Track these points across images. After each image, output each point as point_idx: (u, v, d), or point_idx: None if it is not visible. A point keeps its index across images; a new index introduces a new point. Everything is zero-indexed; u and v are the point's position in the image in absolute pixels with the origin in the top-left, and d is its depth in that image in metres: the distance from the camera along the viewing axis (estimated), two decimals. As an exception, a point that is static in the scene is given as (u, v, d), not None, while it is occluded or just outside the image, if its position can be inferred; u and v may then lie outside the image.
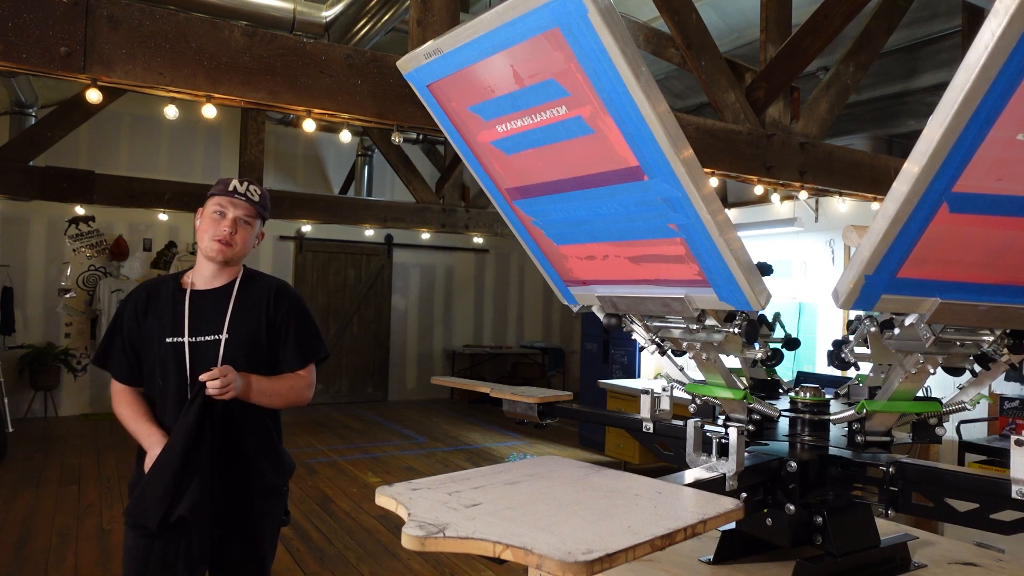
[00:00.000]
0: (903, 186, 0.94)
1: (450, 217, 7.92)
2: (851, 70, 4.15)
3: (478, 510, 0.86)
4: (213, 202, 2.08)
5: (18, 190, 6.01)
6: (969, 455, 4.32)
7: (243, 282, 2.13)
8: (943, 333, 1.14)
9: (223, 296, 2.09)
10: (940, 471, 1.15)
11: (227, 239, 2.04)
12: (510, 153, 1.21)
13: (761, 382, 1.67)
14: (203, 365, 1.98)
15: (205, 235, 2.05)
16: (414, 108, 2.75)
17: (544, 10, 0.93)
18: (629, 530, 0.77)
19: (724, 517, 0.85)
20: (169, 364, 2.00)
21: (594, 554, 0.69)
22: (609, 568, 0.70)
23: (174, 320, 2.03)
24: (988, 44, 0.80)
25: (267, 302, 2.11)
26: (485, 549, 0.74)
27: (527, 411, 1.74)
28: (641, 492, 0.94)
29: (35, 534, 4.49)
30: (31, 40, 2.18)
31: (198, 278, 2.10)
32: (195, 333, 2.03)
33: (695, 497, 0.92)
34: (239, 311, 2.07)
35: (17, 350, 8.04)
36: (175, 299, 2.06)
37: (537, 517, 0.83)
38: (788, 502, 1.28)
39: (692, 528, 0.80)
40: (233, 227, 2.05)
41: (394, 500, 0.90)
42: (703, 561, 1.35)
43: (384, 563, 4.17)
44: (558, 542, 0.72)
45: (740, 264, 1.05)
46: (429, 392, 10.61)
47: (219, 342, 2.02)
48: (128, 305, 2.09)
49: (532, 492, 0.95)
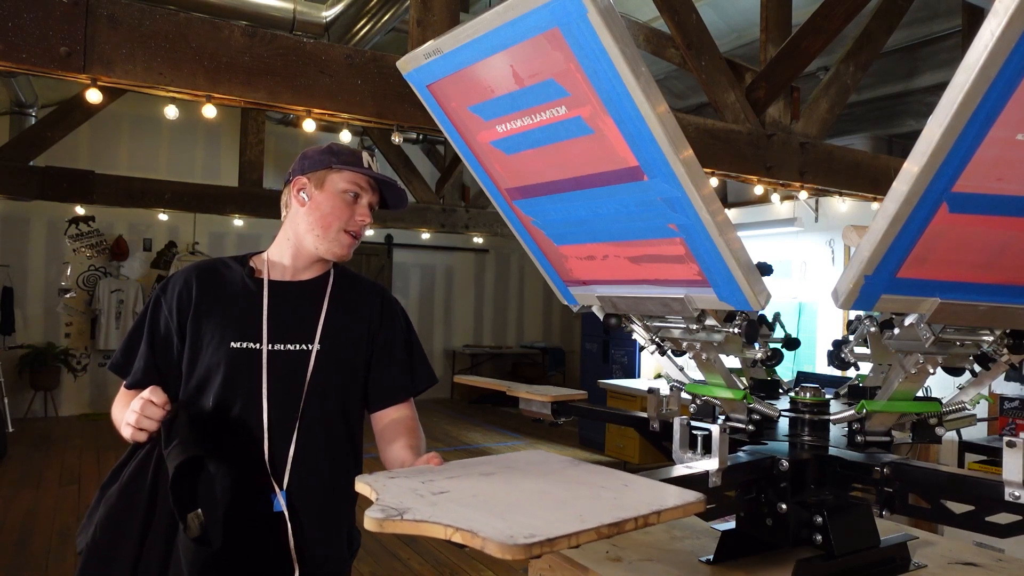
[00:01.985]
0: (903, 186, 0.94)
1: (450, 217, 7.92)
2: (851, 70, 4.15)
3: (443, 497, 0.89)
4: (344, 178, 1.52)
5: (18, 190, 6.01)
6: (969, 455, 4.31)
7: (338, 280, 1.62)
8: (943, 333, 1.14)
9: (314, 295, 1.57)
10: (934, 472, 1.14)
11: (359, 232, 1.56)
12: (510, 153, 1.21)
13: (761, 382, 1.67)
14: (285, 383, 1.48)
15: (334, 224, 1.52)
16: (414, 108, 2.75)
17: (544, 10, 0.93)
18: (579, 518, 0.79)
19: (682, 510, 0.86)
20: (234, 378, 1.46)
21: (535, 538, 0.72)
22: (549, 552, 0.73)
23: (245, 318, 1.50)
24: (988, 44, 0.80)
25: (373, 311, 1.63)
26: (437, 532, 0.77)
27: (541, 409, 1.74)
28: (608, 485, 0.96)
29: (35, 534, 4.49)
30: (31, 40, 2.18)
31: (277, 267, 1.58)
32: (277, 339, 1.50)
33: (657, 490, 0.93)
34: (335, 317, 1.57)
35: (17, 350, 8.04)
36: (246, 290, 1.54)
37: (496, 505, 0.86)
38: (780, 501, 1.28)
39: (644, 519, 0.81)
40: (369, 217, 1.56)
41: (369, 487, 0.94)
42: (703, 561, 1.35)
43: (384, 563, 4.17)
44: (506, 527, 0.75)
45: (740, 264, 1.05)
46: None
47: (308, 354, 1.51)
48: (170, 293, 1.53)
49: (502, 483, 0.97)
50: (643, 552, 1.41)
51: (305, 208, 1.53)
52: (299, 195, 1.54)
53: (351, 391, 1.58)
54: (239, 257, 1.61)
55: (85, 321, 8.47)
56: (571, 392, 1.74)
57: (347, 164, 1.52)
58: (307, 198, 1.53)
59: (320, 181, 1.53)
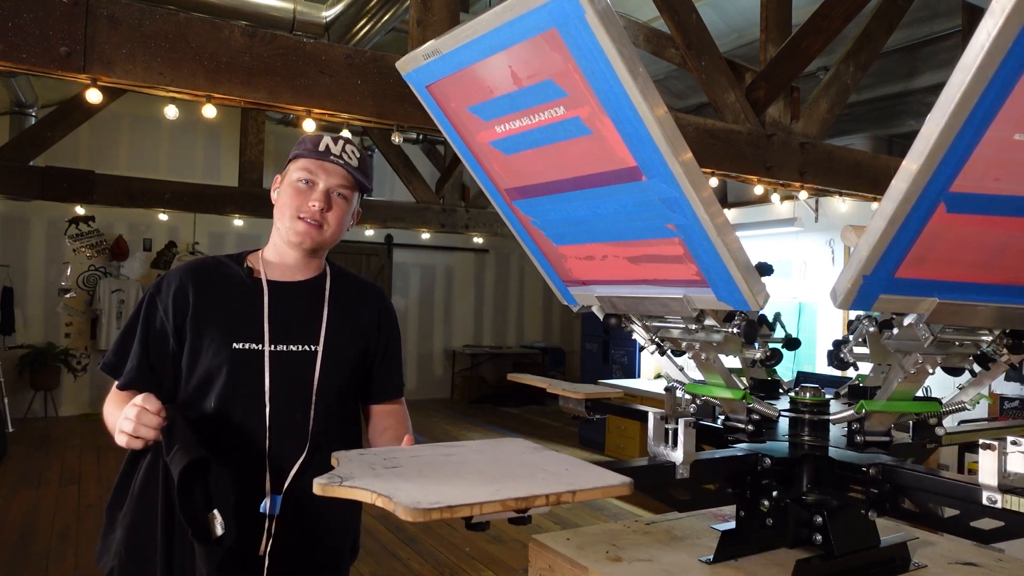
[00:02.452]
0: (901, 184, 0.94)
1: (450, 217, 7.92)
2: (851, 70, 4.15)
3: (391, 472, 0.94)
4: (298, 166, 1.53)
5: (18, 190, 6.01)
6: (969, 455, 4.32)
7: (335, 280, 1.62)
8: (942, 333, 1.14)
9: (313, 295, 1.57)
10: (918, 475, 1.12)
11: (316, 217, 1.52)
12: (509, 153, 1.21)
13: (761, 382, 1.67)
14: (287, 384, 1.47)
15: (286, 212, 1.53)
16: (414, 108, 2.75)
17: (542, 11, 0.93)
18: (493, 492, 0.84)
19: (601, 491, 0.89)
20: (236, 379, 1.45)
21: (437, 504, 0.79)
22: (449, 517, 0.79)
23: (246, 318, 1.48)
24: (984, 44, 0.80)
25: (372, 314, 1.64)
26: (364, 496, 0.84)
27: (577, 406, 1.76)
28: (550, 468, 0.98)
29: (35, 534, 4.49)
30: (31, 40, 2.18)
31: (274, 267, 1.57)
32: (279, 340, 1.48)
33: (589, 473, 0.95)
34: (336, 318, 1.57)
35: (17, 350, 8.04)
36: (245, 290, 1.52)
37: (431, 480, 0.91)
38: (762, 498, 1.29)
39: (557, 496, 0.85)
40: (325, 201, 1.52)
41: (336, 459, 0.99)
42: (703, 561, 1.35)
43: (384, 563, 4.17)
44: (421, 496, 0.81)
45: (738, 265, 1.05)
46: (429, 392, 10.61)
47: (314, 355, 1.51)
48: (164, 293, 1.50)
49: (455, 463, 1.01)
50: (643, 552, 1.41)
51: (275, 204, 1.59)
52: (273, 194, 1.61)
53: (350, 390, 1.60)
54: (235, 256, 1.60)
55: (85, 321, 8.47)
56: (604, 390, 1.79)
57: (304, 153, 1.54)
58: (276, 194, 1.59)
59: (285, 175, 1.58)
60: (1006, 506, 0.96)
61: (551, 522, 4.63)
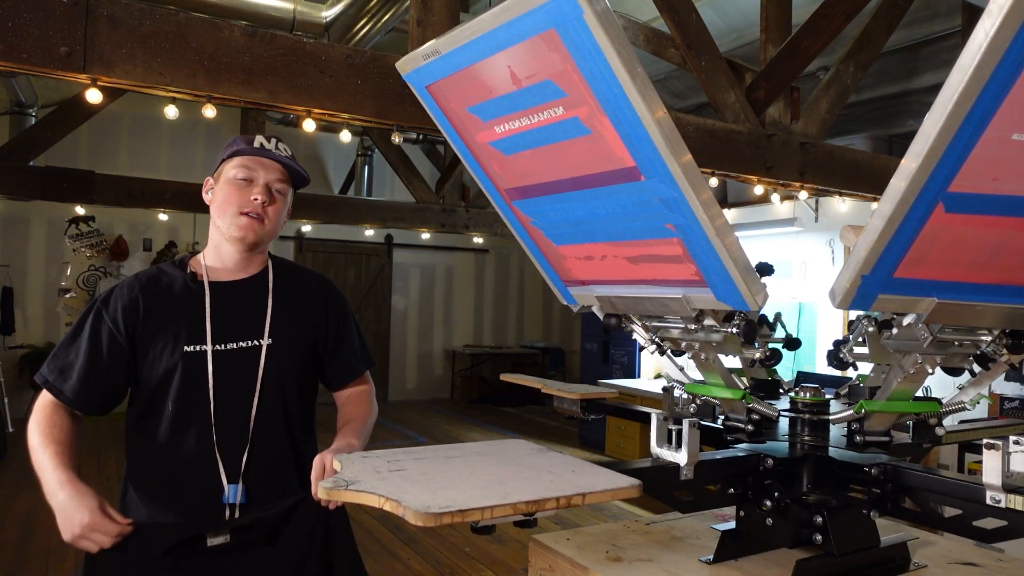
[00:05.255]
0: (899, 182, 0.94)
1: (450, 217, 7.92)
2: (851, 70, 4.15)
3: (396, 475, 0.93)
4: (235, 164, 1.58)
5: (18, 190, 6.02)
6: (969, 455, 4.32)
7: (278, 272, 1.68)
8: (941, 333, 1.14)
9: (257, 290, 1.63)
10: (922, 475, 1.13)
11: (259, 211, 1.57)
12: (508, 154, 1.22)
13: (761, 382, 1.67)
14: (233, 380, 1.55)
15: (228, 209, 1.56)
16: (414, 108, 2.75)
17: (540, 11, 0.93)
18: (503, 496, 0.83)
19: (611, 493, 0.89)
20: (187, 382, 1.52)
21: (448, 509, 0.78)
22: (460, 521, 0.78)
23: (192, 322, 1.55)
24: (982, 44, 0.80)
25: (318, 301, 1.70)
26: (372, 500, 0.83)
27: (572, 406, 1.76)
28: (555, 470, 0.98)
29: (35, 534, 4.49)
30: (31, 40, 2.18)
31: (216, 267, 1.62)
32: (223, 339, 1.55)
33: (599, 475, 0.95)
34: (282, 309, 1.63)
35: (17, 350, 8.04)
36: (190, 294, 1.57)
37: (438, 483, 0.90)
38: (764, 498, 1.29)
39: (568, 499, 0.85)
40: (266, 195, 1.57)
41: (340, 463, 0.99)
42: (703, 561, 1.35)
43: (384, 563, 4.17)
44: (430, 500, 0.81)
45: (737, 265, 1.05)
46: (429, 392, 10.62)
47: (259, 349, 1.57)
48: (112, 307, 1.54)
49: (460, 465, 1.00)
50: (643, 552, 1.41)
51: (211, 205, 1.62)
52: (206, 195, 1.65)
53: (305, 377, 1.66)
54: (177, 261, 1.66)
55: (85, 321, 8.47)
56: (599, 390, 1.80)
57: (240, 151, 1.59)
58: (210, 195, 1.63)
59: (219, 176, 1.62)
60: (1010, 505, 0.96)
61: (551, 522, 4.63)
